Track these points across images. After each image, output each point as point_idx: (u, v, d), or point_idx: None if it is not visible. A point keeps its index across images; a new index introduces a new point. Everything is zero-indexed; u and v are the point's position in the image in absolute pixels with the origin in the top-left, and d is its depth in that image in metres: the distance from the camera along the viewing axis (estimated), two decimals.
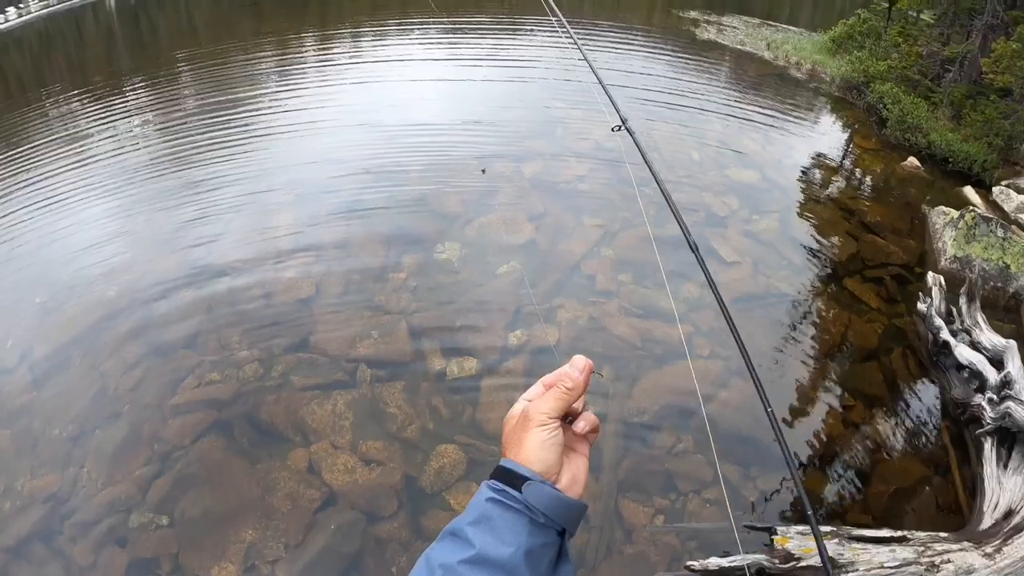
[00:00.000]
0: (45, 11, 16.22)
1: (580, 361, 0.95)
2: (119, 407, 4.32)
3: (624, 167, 7.07)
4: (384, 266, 5.53)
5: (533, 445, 0.93)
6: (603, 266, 5.67)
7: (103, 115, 9.23)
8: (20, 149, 8.31)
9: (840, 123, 9.71)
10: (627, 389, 4.54)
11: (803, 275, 5.82)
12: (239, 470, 3.97)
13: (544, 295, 5.34)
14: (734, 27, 13.80)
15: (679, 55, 12.27)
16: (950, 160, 7.88)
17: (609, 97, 3.50)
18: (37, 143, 8.41)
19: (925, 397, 4.63)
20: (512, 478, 0.91)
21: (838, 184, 7.62)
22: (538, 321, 5.07)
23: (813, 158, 8.12)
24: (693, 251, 1.99)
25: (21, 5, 16.12)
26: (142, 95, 10.24)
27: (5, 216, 6.73)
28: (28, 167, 7.72)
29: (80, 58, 13.92)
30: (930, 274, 4.92)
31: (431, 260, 5.62)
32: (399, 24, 13.78)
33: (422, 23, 12.76)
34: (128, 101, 9.91)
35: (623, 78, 10.29)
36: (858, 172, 8.07)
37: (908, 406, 4.59)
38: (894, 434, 4.37)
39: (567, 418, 1.00)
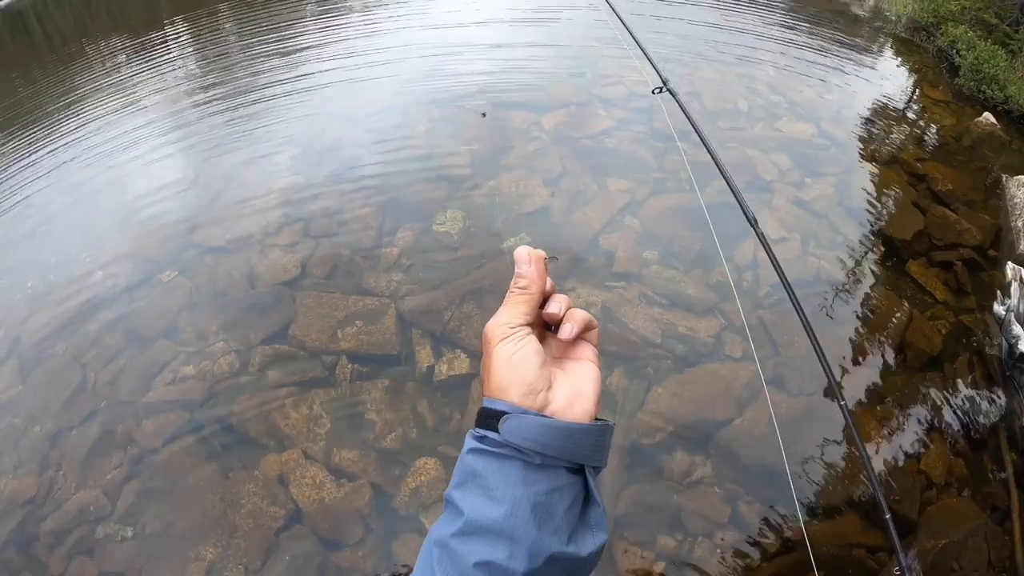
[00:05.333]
0: None
1: (523, 252, 0.79)
2: (96, 403, 4.03)
3: (660, 119, 6.28)
4: (376, 240, 4.95)
5: (500, 366, 0.72)
6: (626, 240, 4.97)
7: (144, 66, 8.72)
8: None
9: (906, 69, 8.66)
10: (639, 399, 3.92)
11: (860, 257, 5.00)
12: (207, 480, 3.62)
13: (555, 275, 4.67)
14: None
15: None
16: None
17: (645, 55, 2.79)
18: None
19: (991, 421, 3.90)
20: (490, 418, 0.71)
21: (904, 141, 6.70)
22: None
23: (876, 109, 7.19)
24: (752, 225, 1.77)
25: None
26: (176, 45, 9.67)
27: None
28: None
29: (121, 8, 13.25)
30: (1009, 265, 4.12)
31: (428, 233, 4.99)
32: None
33: None
34: (164, 51, 9.35)
35: (660, 7, 9.23)
36: (926, 127, 7.13)
37: (969, 431, 3.86)
38: (949, 468, 3.66)
39: (549, 328, 0.80)
